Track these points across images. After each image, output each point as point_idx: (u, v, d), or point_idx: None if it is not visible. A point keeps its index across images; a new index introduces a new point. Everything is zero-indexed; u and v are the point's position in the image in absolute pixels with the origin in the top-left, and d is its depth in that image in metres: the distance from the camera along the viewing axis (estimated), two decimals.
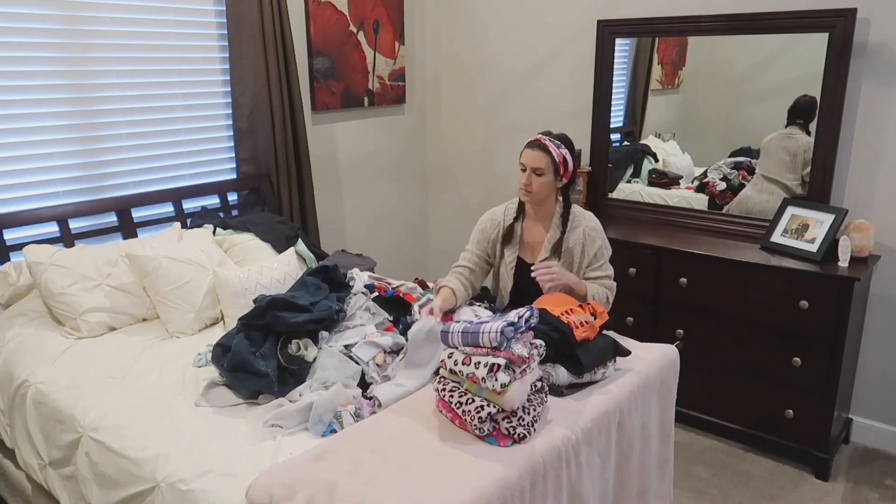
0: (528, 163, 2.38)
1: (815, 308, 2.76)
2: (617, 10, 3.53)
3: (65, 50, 2.83)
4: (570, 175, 2.42)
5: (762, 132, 3.26)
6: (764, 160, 3.30)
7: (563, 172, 2.39)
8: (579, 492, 1.85)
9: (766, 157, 3.29)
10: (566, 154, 2.38)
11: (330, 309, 2.29)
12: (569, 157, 2.39)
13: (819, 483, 2.87)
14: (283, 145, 3.48)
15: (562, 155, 2.37)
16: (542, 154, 2.36)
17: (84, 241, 2.90)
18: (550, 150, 2.35)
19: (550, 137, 2.40)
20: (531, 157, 2.37)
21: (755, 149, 3.29)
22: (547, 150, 2.36)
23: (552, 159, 2.36)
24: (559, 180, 2.40)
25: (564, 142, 2.41)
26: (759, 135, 3.27)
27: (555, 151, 2.36)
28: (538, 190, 2.39)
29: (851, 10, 2.79)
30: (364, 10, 3.92)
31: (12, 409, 2.30)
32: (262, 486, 1.59)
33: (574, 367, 2.01)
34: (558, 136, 2.42)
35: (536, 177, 2.37)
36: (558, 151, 2.36)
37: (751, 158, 3.31)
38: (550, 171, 2.37)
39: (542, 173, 2.37)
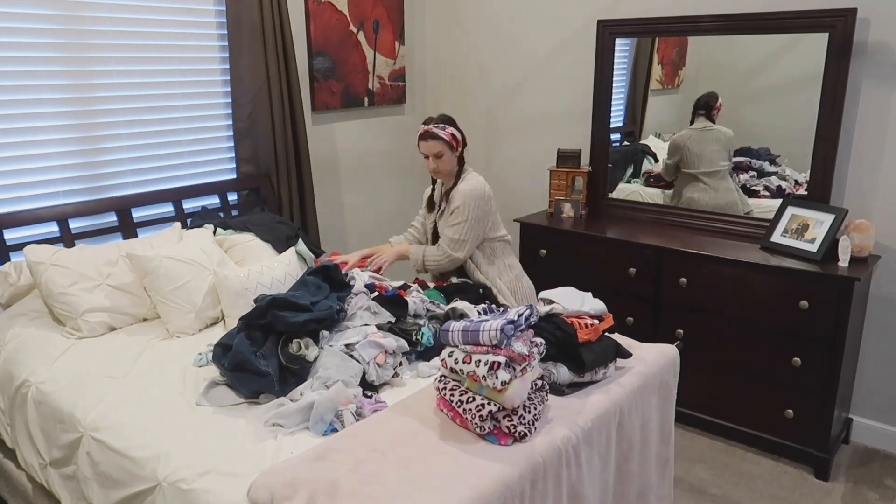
0: (428, 152, 2.78)
1: (815, 308, 2.76)
2: (617, 10, 3.53)
3: (65, 50, 2.83)
4: (461, 144, 2.82)
5: (762, 132, 3.27)
6: (695, 159, 3.46)
7: (456, 145, 2.79)
8: (579, 492, 1.85)
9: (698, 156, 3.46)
10: (453, 130, 2.77)
11: (330, 308, 2.28)
12: (455, 131, 2.78)
13: (819, 483, 2.87)
14: (283, 145, 3.48)
15: (450, 133, 2.76)
16: (436, 141, 2.75)
17: (84, 241, 2.90)
18: (440, 135, 2.74)
19: (434, 124, 2.77)
20: (428, 147, 2.77)
21: (755, 148, 3.29)
22: (437, 136, 2.74)
23: (444, 140, 2.75)
24: (455, 152, 2.80)
25: (447, 121, 2.79)
26: (760, 135, 3.27)
27: (443, 133, 2.74)
28: (443, 167, 2.80)
29: (851, 10, 2.79)
30: (364, 10, 3.92)
31: (13, 409, 2.30)
32: (263, 485, 1.59)
33: (576, 366, 2.01)
34: (440, 118, 2.79)
35: (438, 159, 2.78)
36: (446, 132, 2.75)
37: (751, 158, 3.31)
38: (447, 150, 2.77)
39: (441, 154, 2.77)
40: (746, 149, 3.33)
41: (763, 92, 3.24)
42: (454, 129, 2.78)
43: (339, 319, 2.33)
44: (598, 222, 3.58)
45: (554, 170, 3.72)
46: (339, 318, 2.33)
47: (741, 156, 3.34)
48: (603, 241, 3.35)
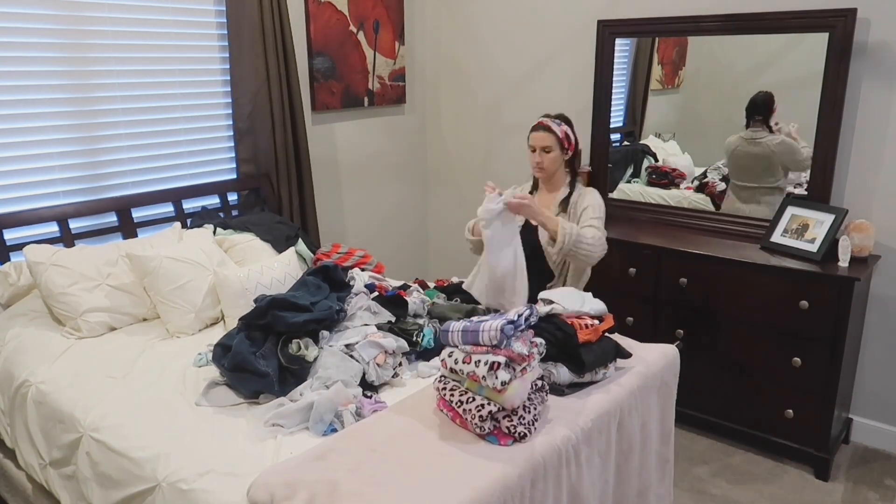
0: (537, 143, 2.71)
1: (815, 308, 2.76)
2: (617, 10, 3.53)
3: (65, 50, 2.83)
4: (574, 147, 2.75)
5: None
6: (734, 169, 3.29)
7: (568, 146, 2.72)
8: (579, 492, 1.85)
9: (736, 167, 3.28)
10: (567, 130, 2.71)
11: (330, 309, 2.28)
12: (570, 132, 2.72)
13: (819, 483, 2.87)
14: (283, 145, 3.48)
15: (563, 131, 2.70)
16: (547, 133, 2.69)
17: (84, 241, 2.90)
18: (553, 129, 2.68)
19: (551, 118, 2.72)
20: (538, 138, 2.70)
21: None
22: (550, 129, 2.68)
23: (556, 136, 2.68)
24: (565, 153, 2.74)
25: (564, 120, 2.74)
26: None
27: (557, 129, 2.68)
28: (549, 165, 2.72)
29: (851, 10, 2.79)
30: (364, 10, 3.92)
31: (13, 409, 2.30)
32: (263, 485, 1.59)
33: (576, 366, 2.01)
34: (558, 116, 2.74)
35: (545, 154, 2.71)
36: (560, 129, 2.69)
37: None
38: (557, 147, 2.70)
39: (549, 150, 2.70)
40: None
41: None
42: (570, 129, 2.72)
43: (339, 320, 2.33)
44: None
45: None
46: (339, 319, 2.33)
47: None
48: None
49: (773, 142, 3.13)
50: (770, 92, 3.10)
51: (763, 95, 3.14)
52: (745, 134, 3.21)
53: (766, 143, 3.14)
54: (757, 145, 3.15)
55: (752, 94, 3.26)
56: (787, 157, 3.14)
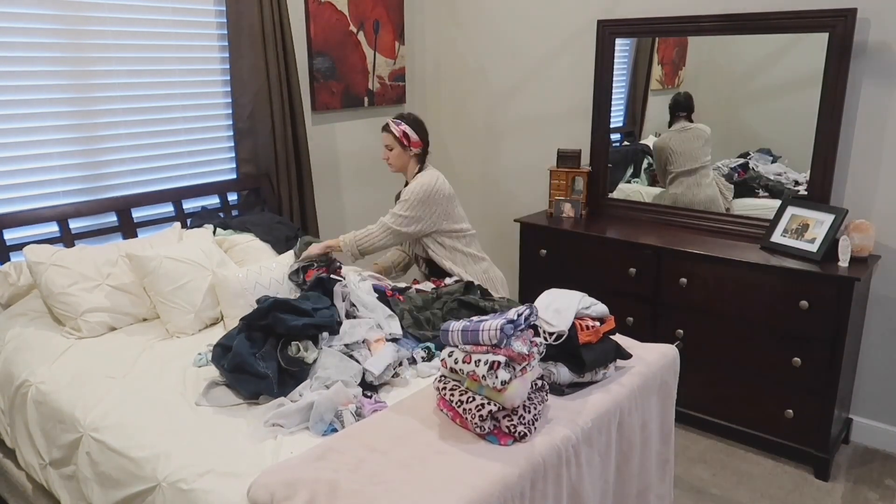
0: (383, 142, 3.00)
1: (815, 308, 2.76)
2: (617, 10, 3.53)
3: (65, 50, 2.83)
4: (418, 144, 2.97)
5: (762, 132, 3.26)
6: (680, 158, 3.50)
7: (408, 143, 2.95)
8: (579, 492, 1.85)
9: (682, 155, 3.49)
10: (405, 128, 2.94)
11: (332, 317, 2.30)
12: (408, 130, 2.94)
13: (819, 483, 2.87)
14: (283, 145, 3.48)
15: (401, 130, 2.94)
16: (386, 133, 2.97)
17: (84, 241, 2.91)
18: (391, 129, 2.95)
19: (394, 119, 2.97)
20: (383, 138, 3.00)
21: (752, 152, 3.29)
22: (389, 129, 2.96)
23: (393, 135, 2.95)
24: (407, 150, 2.97)
25: (405, 119, 2.97)
26: (760, 135, 3.27)
27: (395, 129, 2.94)
28: (394, 161, 3.01)
29: (851, 10, 2.79)
30: (364, 10, 3.92)
31: (13, 409, 2.30)
32: (263, 485, 1.59)
33: (576, 366, 2.01)
34: (402, 116, 2.99)
35: (389, 151, 2.99)
36: (398, 128, 2.94)
37: (748, 158, 3.32)
38: (396, 144, 2.96)
39: (391, 147, 2.98)
40: (745, 154, 3.34)
41: (763, 92, 3.24)
42: (409, 128, 2.94)
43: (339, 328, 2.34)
44: (598, 222, 3.58)
45: (554, 170, 3.72)
46: (339, 327, 2.34)
47: (741, 157, 3.35)
48: (603, 241, 3.35)
49: (702, 128, 3.44)
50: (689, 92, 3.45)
51: (685, 94, 3.45)
52: (675, 127, 3.52)
53: (696, 127, 3.45)
54: (689, 130, 3.47)
55: (752, 94, 3.27)
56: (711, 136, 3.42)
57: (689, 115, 3.43)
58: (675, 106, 3.47)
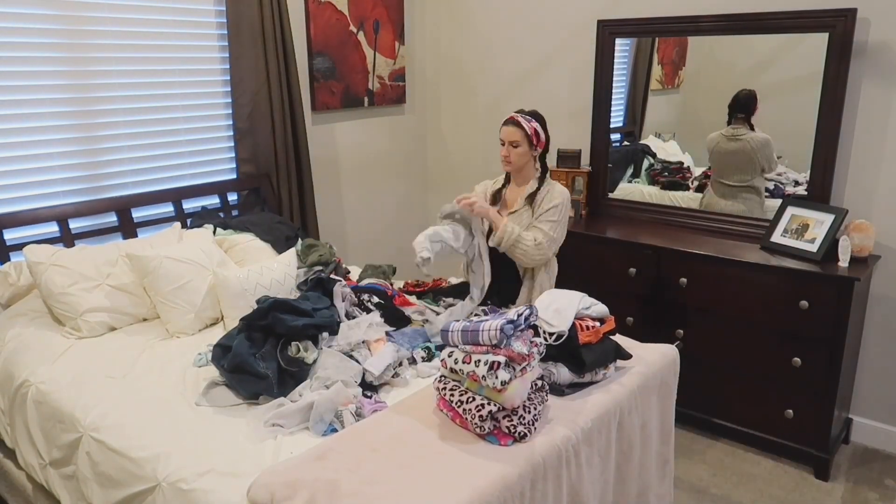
0: (506, 137, 2.73)
1: (815, 308, 2.76)
2: (617, 10, 3.53)
3: (65, 50, 2.83)
4: (544, 144, 2.76)
5: (762, 132, 3.26)
6: (716, 166, 3.36)
7: (536, 142, 2.73)
8: (579, 492, 1.85)
9: (717, 163, 3.35)
10: (536, 126, 2.71)
11: (332, 317, 2.30)
12: (539, 128, 2.72)
13: (819, 483, 2.87)
14: (283, 145, 3.48)
15: (532, 128, 2.70)
16: (516, 129, 2.70)
17: (84, 241, 2.90)
18: (522, 125, 2.70)
19: (522, 114, 2.73)
20: (507, 132, 2.72)
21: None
22: (519, 124, 2.70)
23: (524, 132, 2.70)
24: (534, 149, 2.74)
25: (535, 116, 2.74)
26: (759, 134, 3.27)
27: (526, 125, 2.70)
28: (516, 160, 2.75)
29: (851, 10, 2.79)
30: (364, 10, 3.92)
31: (13, 409, 2.30)
32: (263, 485, 1.59)
33: (576, 366, 2.01)
34: (529, 113, 2.75)
35: (513, 148, 2.73)
36: (529, 125, 2.70)
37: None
38: (525, 142, 2.71)
39: (517, 145, 2.72)
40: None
41: (763, 92, 3.24)
42: (539, 126, 2.72)
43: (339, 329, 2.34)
44: (598, 222, 3.58)
45: (554, 170, 3.71)
46: (339, 328, 2.34)
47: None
48: (603, 241, 3.35)
49: (754, 138, 3.20)
50: (753, 90, 3.15)
51: (747, 93, 3.19)
52: (726, 131, 3.29)
53: (747, 139, 3.22)
54: (737, 141, 3.23)
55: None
56: (765, 151, 3.21)
57: (747, 118, 3.16)
58: (734, 105, 3.20)
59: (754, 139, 3.19)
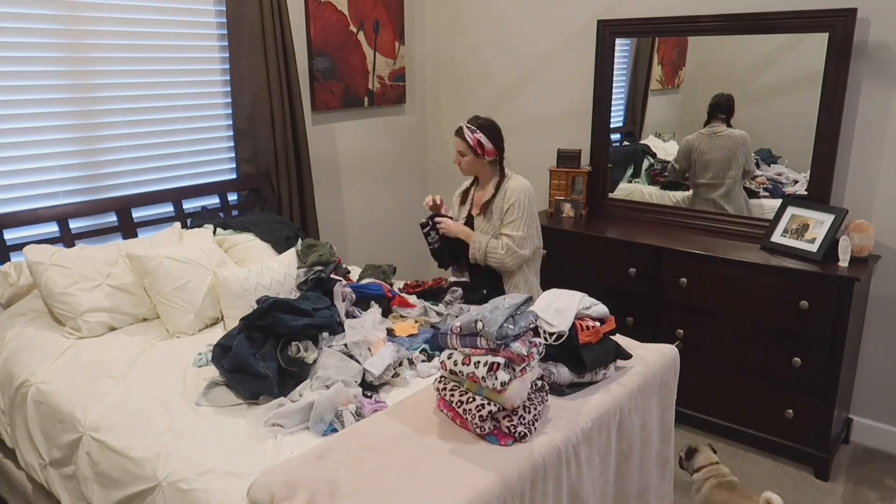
0: (455, 147, 2.90)
1: (815, 308, 2.76)
2: (617, 10, 3.53)
3: (65, 50, 2.83)
4: (493, 152, 2.86)
5: (762, 132, 3.26)
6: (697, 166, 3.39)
7: (482, 152, 2.84)
8: (579, 492, 1.85)
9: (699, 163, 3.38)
10: (479, 137, 2.82)
11: (332, 317, 2.30)
12: (483, 139, 2.82)
13: (819, 483, 2.87)
14: (283, 145, 3.48)
15: (475, 139, 2.82)
16: (460, 140, 2.86)
17: (84, 241, 2.90)
18: (466, 136, 2.83)
19: (468, 124, 2.84)
20: (455, 143, 2.89)
21: (754, 152, 3.29)
22: (463, 135, 2.84)
23: (467, 143, 2.83)
24: (480, 158, 2.86)
25: (480, 126, 2.84)
26: (760, 135, 3.27)
27: (469, 137, 2.82)
28: (466, 167, 2.91)
29: (851, 10, 2.79)
30: (364, 10, 3.92)
31: (13, 409, 2.30)
32: (263, 484, 1.59)
33: (576, 366, 2.01)
34: (482, 121, 2.86)
35: (462, 157, 2.88)
36: (472, 136, 2.82)
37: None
38: (469, 152, 2.85)
39: (464, 154, 2.87)
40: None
41: (763, 92, 3.24)
42: (484, 136, 2.82)
43: (339, 329, 2.34)
44: (598, 222, 3.58)
45: (554, 170, 3.72)
46: (339, 328, 2.34)
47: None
48: (603, 241, 3.35)
49: (733, 134, 3.29)
50: (732, 94, 3.28)
51: (727, 96, 3.30)
52: (705, 130, 3.37)
53: (727, 134, 3.30)
54: (719, 138, 3.32)
55: (752, 94, 3.26)
56: (745, 148, 3.27)
57: (727, 119, 3.29)
58: (715, 107, 3.31)
59: (734, 134, 3.30)
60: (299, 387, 2.05)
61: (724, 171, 3.33)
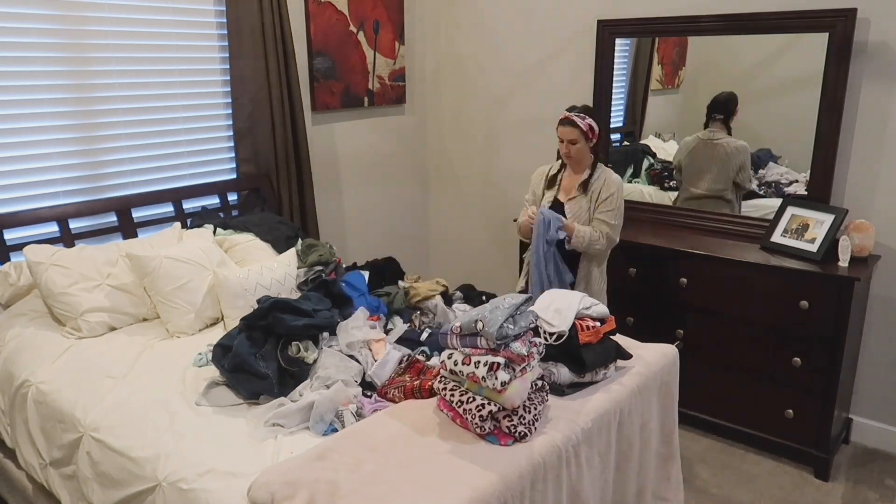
0: (563, 136, 2.87)
1: (815, 308, 2.76)
2: (617, 10, 3.53)
3: (65, 50, 2.83)
4: (598, 136, 2.89)
5: (762, 132, 3.26)
6: (689, 172, 3.34)
7: (592, 136, 2.87)
8: (579, 492, 1.86)
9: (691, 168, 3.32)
10: (591, 122, 2.85)
11: (332, 318, 2.30)
12: (593, 123, 2.86)
13: (819, 483, 2.87)
14: (283, 145, 3.48)
15: (587, 124, 2.84)
16: (572, 128, 2.84)
17: (84, 241, 2.90)
18: (578, 124, 2.83)
19: (576, 112, 2.86)
20: (564, 132, 2.86)
21: (754, 151, 3.29)
22: (575, 123, 2.83)
23: (580, 129, 2.83)
24: (590, 142, 2.88)
25: (587, 112, 2.88)
26: (759, 135, 3.27)
27: (581, 123, 2.83)
28: (576, 154, 2.89)
29: (851, 10, 2.79)
30: (364, 10, 3.92)
31: (13, 409, 2.30)
32: (263, 484, 1.59)
33: (576, 366, 2.01)
34: (582, 109, 2.88)
35: (572, 145, 2.87)
36: (584, 122, 2.83)
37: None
38: (582, 139, 2.85)
39: (575, 142, 2.86)
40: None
41: (763, 92, 3.24)
42: (593, 120, 2.85)
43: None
44: None
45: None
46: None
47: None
48: None
49: (730, 143, 3.20)
50: (734, 93, 3.16)
51: (726, 95, 3.20)
52: (703, 134, 3.29)
53: (724, 144, 3.23)
54: (714, 147, 3.23)
55: (752, 94, 3.26)
56: (739, 158, 3.20)
57: (725, 120, 3.19)
58: (712, 106, 3.23)
59: (730, 144, 3.21)
60: (299, 387, 2.05)
61: (712, 183, 3.29)
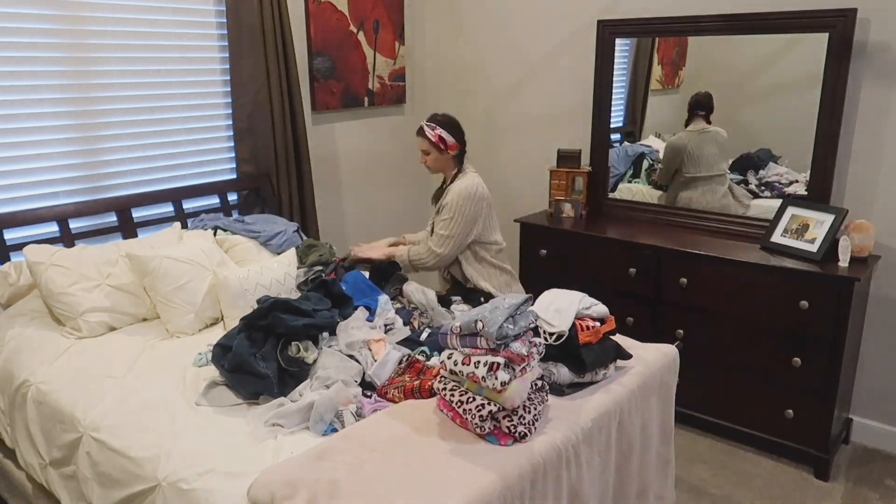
0: (419, 147, 2.94)
1: (815, 308, 2.76)
2: (617, 10, 3.53)
3: (65, 50, 2.83)
4: (455, 146, 2.90)
5: (762, 132, 3.26)
6: (694, 161, 3.43)
7: (445, 147, 2.88)
8: (579, 492, 1.85)
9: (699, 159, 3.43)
10: (441, 132, 2.86)
11: (332, 318, 2.29)
12: (444, 134, 2.86)
13: (819, 483, 2.87)
14: (283, 145, 3.48)
15: (436, 135, 2.86)
16: (422, 138, 2.90)
17: (84, 241, 2.90)
18: (427, 134, 2.87)
19: (427, 122, 2.89)
20: (418, 143, 2.93)
21: (754, 151, 3.28)
22: (424, 134, 2.88)
23: (430, 141, 2.87)
24: (444, 153, 2.89)
25: (440, 122, 2.89)
26: (760, 135, 3.27)
27: (430, 133, 2.86)
28: (432, 164, 2.95)
29: (851, 10, 2.79)
30: (364, 10, 3.92)
31: (13, 409, 2.30)
32: (263, 484, 1.59)
33: (576, 366, 2.01)
34: (441, 117, 2.91)
35: (426, 156, 2.93)
36: (433, 133, 2.86)
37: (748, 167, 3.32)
38: (433, 149, 2.89)
39: (428, 152, 2.91)
40: (746, 155, 3.32)
41: (763, 92, 3.24)
42: (444, 131, 2.86)
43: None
44: (598, 222, 3.58)
45: (554, 170, 3.72)
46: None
47: (741, 157, 3.34)
48: (603, 241, 3.35)
49: (719, 130, 3.36)
50: (709, 92, 3.34)
51: (706, 94, 3.36)
52: (693, 128, 3.42)
53: (714, 132, 3.37)
54: (708, 133, 3.38)
55: (752, 94, 3.27)
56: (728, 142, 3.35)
57: (707, 116, 3.36)
58: (695, 105, 3.39)
59: (718, 132, 3.36)
60: (299, 387, 2.04)
61: (717, 163, 3.37)
